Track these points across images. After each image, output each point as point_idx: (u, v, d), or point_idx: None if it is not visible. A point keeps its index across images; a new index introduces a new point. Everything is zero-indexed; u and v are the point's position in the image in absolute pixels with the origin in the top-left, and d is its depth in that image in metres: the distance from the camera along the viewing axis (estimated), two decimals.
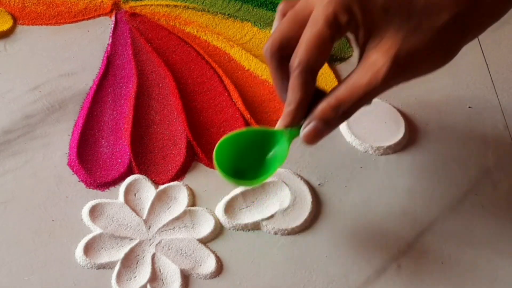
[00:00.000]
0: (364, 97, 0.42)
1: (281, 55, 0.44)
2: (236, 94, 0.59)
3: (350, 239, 0.50)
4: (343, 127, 0.56)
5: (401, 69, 0.42)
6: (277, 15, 0.47)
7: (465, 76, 0.61)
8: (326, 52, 0.42)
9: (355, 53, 0.58)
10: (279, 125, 0.45)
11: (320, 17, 0.41)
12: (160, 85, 0.59)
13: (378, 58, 0.41)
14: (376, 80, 0.41)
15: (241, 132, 0.47)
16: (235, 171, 0.46)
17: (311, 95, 0.44)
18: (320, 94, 0.44)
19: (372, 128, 0.56)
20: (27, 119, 0.56)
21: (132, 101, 0.57)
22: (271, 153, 0.47)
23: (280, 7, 0.47)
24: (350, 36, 0.44)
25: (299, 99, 0.43)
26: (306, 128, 0.44)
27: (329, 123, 0.43)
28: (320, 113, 0.43)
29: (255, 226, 0.51)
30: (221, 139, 0.46)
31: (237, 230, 0.50)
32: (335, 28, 0.41)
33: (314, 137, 0.44)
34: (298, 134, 0.45)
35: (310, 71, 0.42)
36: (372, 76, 0.41)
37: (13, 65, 0.60)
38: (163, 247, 0.49)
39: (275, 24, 0.47)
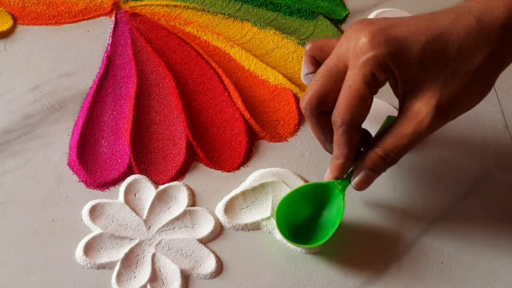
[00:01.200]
0: (409, 145, 0.45)
1: (319, 110, 0.46)
2: (236, 94, 0.59)
3: (350, 239, 0.50)
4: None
5: (443, 115, 0.44)
6: (305, 57, 0.50)
7: None
8: (367, 107, 0.45)
9: None
10: (328, 177, 0.48)
11: (358, 76, 0.43)
12: (160, 85, 0.59)
13: (421, 108, 0.43)
14: (421, 129, 0.44)
15: (296, 190, 0.49)
16: (295, 229, 0.49)
17: (357, 147, 0.47)
18: (364, 135, 0.48)
19: (372, 128, 0.56)
20: (27, 119, 0.56)
21: (132, 101, 0.57)
22: (325, 208, 0.49)
23: (307, 49, 0.49)
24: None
25: (347, 153, 0.46)
26: (357, 177, 0.47)
27: (378, 171, 0.47)
28: (370, 163, 0.46)
29: (255, 226, 0.51)
30: (279, 201, 0.48)
31: (237, 230, 0.50)
32: (373, 85, 0.43)
33: (365, 184, 0.47)
34: (349, 183, 0.48)
35: (354, 128, 0.45)
36: (417, 125, 0.44)
37: (13, 65, 0.60)
38: (163, 247, 0.49)
39: (304, 70, 0.50)
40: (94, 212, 0.50)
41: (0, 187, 0.51)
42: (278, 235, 0.50)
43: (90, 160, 0.53)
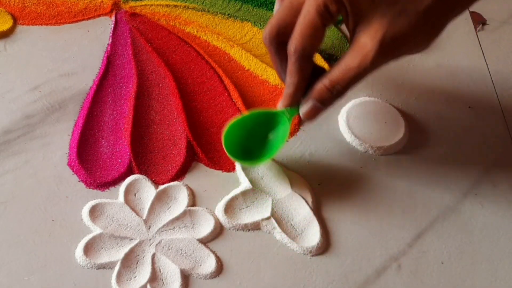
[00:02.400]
0: (355, 78, 0.46)
1: (279, 40, 0.48)
2: (236, 94, 0.59)
3: (350, 239, 0.50)
4: (343, 127, 0.56)
5: (388, 51, 0.45)
6: None
7: (465, 76, 0.61)
8: (319, 38, 0.46)
9: None
10: (280, 106, 0.50)
11: (312, 6, 0.45)
12: (160, 85, 0.59)
13: (367, 41, 0.44)
14: (365, 62, 0.45)
15: (246, 115, 0.51)
16: (243, 152, 0.51)
17: (308, 77, 0.48)
18: (319, 71, 0.48)
19: (372, 128, 0.56)
20: (27, 119, 0.56)
21: (132, 101, 0.57)
22: (272, 133, 0.51)
23: None
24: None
25: (297, 82, 0.48)
26: (304, 107, 0.48)
27: (325, 102, 0.48)
28: (317, 94, 0.47)
29: (255, 226, 0.51)
30: (228, 123, 0.50)
31: (237, 230, 0.50)
32: (326, 16, 0.45)
33: (312, 115, 0.49)
34: (297, 112, 0.49)
35: (305, 57, 0.46)
36: (362, 59, 0.45)
37: (13, 65, 0.60)
38: (163, 247, 0.49)
39: (276, 7, 0.52)
40: (94, 212, 0.50)
41: (0, 187, 0.51)
42: (278, 235, 0.50)
43: (90, 160, 0.53)
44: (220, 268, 0.48)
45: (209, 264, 0.48)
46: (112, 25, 0.64)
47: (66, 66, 0.60)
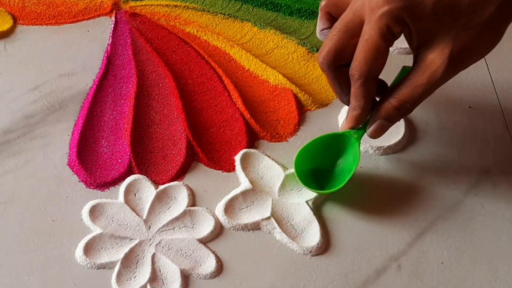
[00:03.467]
0: (423, 95, 0.46)
1: (336, 64, 0.48)
2: (236, 94, 0.59)
3: (350, 239, 0.50)
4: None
5: (456, 65, 0.45)
6: (320, 13, 0.51)
7: (465, 76, 0.61)
8: (383, 60, 0.46)
9: None
10: (345, 127, 0.50)
11: (374, 30, 0.45)
12: (160, 85, 0.59)
13: (435, 58, 0.45)
14: (435, 78, 0.45)
15: (312, 141, 0.51)
16: (315, 179, 0.51)
17: (374, 99, 0.48)
18: (380, 85, 0.49)
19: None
20: (27, 119, 0.56)
21: (132, 101, 0.57)
22: (342, 156, 0.52)
23: (322, 5, 0.50)
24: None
25: (364, 105, 0.48)
26: (373, 126, 0.49)
27: (393, 120, 0.48)
28: (385, 114, 0.48)
29: (255, 226, 0.51)
30: (298, 151, 0.51)
31: (237, 230, 0.50)
32: (389, 38, 0.45)
33: (379, 133, 0.49)
34: (364, 132, 0.50)
35: (371, 80, 0.46)
36: (431, 75, 0.45)
37: (13, 65, 0.60)
38: (163, 247, 0.49)
39: (319, 23, 0.51)
40: (94, 212, 0.50)
41: (0, 187, 0.51)
42: (278, 235, 0.50)
43: (90, 160, 0.53)
44: (220, 268, 0.48)
45: (209, 264, 0.48)
46: (112, 25, 0.64)
47: (66, 66, 0.60)
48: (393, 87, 0.48)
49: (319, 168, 0.52)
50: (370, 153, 0.55)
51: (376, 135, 0.49)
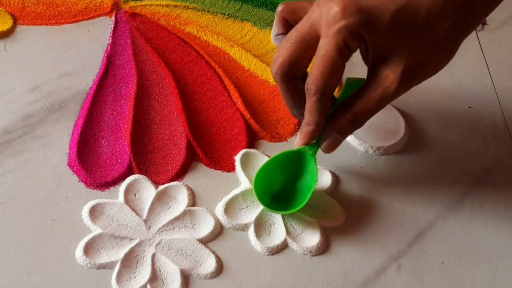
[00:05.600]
0: (376, 109, 0.46)
1: (290, 76, 0.47)
2: (236, 94, 0.59)
3: (350, 239, 0.50)
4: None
5: (409, 81, 0.45)
6: (276, 18, 0.50)
7: (465, 76, 0.61)
8: (340, 75, 0.46)
9: None
10: (299, 143, 0.49)
11: (331, 45, 0.44)
12: (160, 85, 0.59)
13: (389, 74, 0.45)
14: (387, 93, 0.45)
15: (268, 161, 0.51)
16: (274, 199, 0.51)
17: (328, 114, 0.48)
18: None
19: (372, 128, 0.56)
20: (27, 119, 0.56)
21: (132, 101, 0.57)
22: (299, 173, 0.51)
23: (279, 10, 0.50)
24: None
25: (318, 120, 0.47)
26: (327, 141, 0.49)
27: (346, 134, 0.48)
28: (339, 127, 0.48)
29: None
30: (256, 173, 0.50)
31: (237, 230, 0.50)
32: (346, 53, 0.45)
33: (333, 146, 0.49)
34: (318, 147, 0.49)
35: (327, 95, 0.46)
36: (384, 90, 0.45)
37: (13, 65, 0.60)
38: (163, 247, 0.49)
39: (274, 28, 0.51)
40: (94, 212, 0.50)
41: (0, 187, 0.51)
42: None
43: (90, 160, 0.53)
44: (220, 268, 0.48)
45: (209, 264, 0.48)
46: (112, 25, 0.64)
47: (66, 66, 0.60)
48: (345, 101, 0.47)
49: (280, 187, 0.51)
50: (370, 153, 0.55)
51: (330, 149, 0.49)
